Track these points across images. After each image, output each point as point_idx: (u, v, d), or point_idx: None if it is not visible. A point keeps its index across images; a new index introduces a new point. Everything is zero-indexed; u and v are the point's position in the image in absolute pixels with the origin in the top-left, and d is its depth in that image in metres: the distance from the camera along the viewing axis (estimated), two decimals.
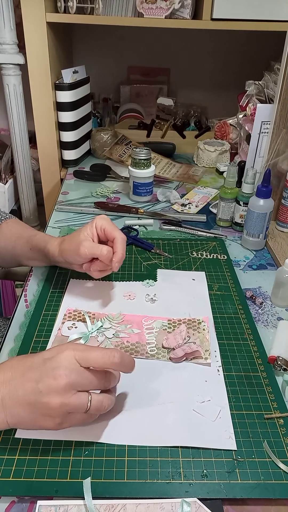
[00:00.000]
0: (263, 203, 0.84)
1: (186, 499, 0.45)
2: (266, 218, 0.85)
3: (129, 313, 0.70)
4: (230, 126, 1.32)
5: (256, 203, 0.84)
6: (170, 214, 1.02)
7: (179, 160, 1.34)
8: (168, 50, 1.53)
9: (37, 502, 0.45)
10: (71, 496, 0.45)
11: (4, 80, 1.23)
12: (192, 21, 1.15)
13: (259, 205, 0.84)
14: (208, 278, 0.80)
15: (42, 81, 1.16)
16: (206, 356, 0.62)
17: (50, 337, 0.65)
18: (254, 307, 0.74)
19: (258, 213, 0.84)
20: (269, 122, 0.97)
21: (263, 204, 0.84)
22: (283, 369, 0.60)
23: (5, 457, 0.49)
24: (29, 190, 1.42)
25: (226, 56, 1.54)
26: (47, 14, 1.09)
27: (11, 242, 0.76)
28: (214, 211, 1.03)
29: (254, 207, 0.85)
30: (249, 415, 0.54)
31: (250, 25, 1.11)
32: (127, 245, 0.88)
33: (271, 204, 0.85)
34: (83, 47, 1.53)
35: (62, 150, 1.28)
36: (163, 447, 0.50)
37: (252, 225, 0.86)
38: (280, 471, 0.48)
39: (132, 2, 1.15)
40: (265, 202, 0.84)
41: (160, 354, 0.63)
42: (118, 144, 1.28)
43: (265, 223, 0.85)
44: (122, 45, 1.53)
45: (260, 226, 0.86)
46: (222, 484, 0.47)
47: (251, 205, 0.85)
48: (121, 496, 0.46)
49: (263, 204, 0.84)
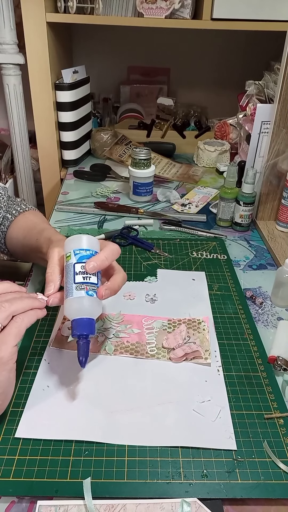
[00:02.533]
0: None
1: (186, 499, 0.45)
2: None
3: (129, 313, 0.70)
4: (230, 126, 1.32)
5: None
6: (170, 214, 1.02)
7: (179, 160, 1.34)
8: (168, 50, 1.53)
9: (37, 502, 0.45)
10: (71, 496, 0.45)
11: (4, 80, 1.23)
12: (192, 21, 1.15)
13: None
14: (208, 278, 0.80)
15: (42, 81, 1.16)
16: (206, 356, 0.62)
17: (50, 337, 0.65)
18: (254, 307, 0.74)
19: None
20: (269, 122, 0.97)
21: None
22: (283, 369, 0.60)
23: (5, 457, 0.49)
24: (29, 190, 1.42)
25: (226, 56, 1.54)
26: (47, 14, 1.09)
27: (23, 232, 0.74)
28: (214, 211, 1.03)
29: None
30: (249, 415, 0.54)
31: (250, 25, 1.11)
32: (126, 245, 0.89)
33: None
34: (83, 47, 1.53)
35: (62, 150, 1.28)
36: (163, 447, 0.50)
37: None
38: (280, 471, 0.48)
39: (132, 2, 1.15)
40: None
41: (160, 354, 0.63)
42: (118, 144, 1.28)
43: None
44: (122, 45, 1.53)
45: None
46: (222, 484, 0.47)
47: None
48: (121, 496, 0.46)
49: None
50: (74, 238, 0.57)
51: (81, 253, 0.56)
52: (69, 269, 0.55)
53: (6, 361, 0.47)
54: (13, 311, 0.49)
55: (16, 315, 0.49)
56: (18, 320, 0.49)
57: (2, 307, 0.48)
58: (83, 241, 0.57)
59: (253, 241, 0.94)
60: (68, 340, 0.64)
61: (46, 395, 0.56)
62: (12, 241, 0.77)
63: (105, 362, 0.61)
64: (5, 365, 0.47)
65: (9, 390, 0.49)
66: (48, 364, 0.60)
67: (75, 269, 0.54)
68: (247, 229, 0.97)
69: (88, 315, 0.53)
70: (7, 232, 0.78)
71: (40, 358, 0.61)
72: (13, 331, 0.48)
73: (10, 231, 0.77)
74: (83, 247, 0.56)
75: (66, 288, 0.54)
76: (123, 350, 0.63)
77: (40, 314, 0.52)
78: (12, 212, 0.79)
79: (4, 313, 0.48)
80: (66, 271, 0.56)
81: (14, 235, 0.76)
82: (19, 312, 0.49)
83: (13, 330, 0.48)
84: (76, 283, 0.53)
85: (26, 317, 0.49)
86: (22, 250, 0.76)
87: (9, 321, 0.49)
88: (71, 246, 0.57)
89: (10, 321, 0.49)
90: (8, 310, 0.48)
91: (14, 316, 0.49)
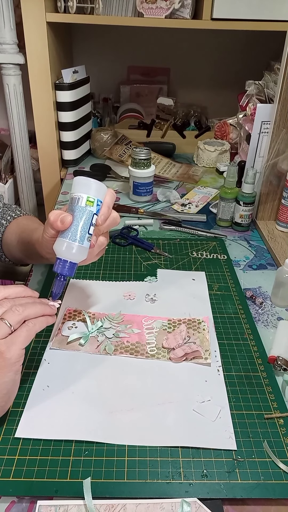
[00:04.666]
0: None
1: (186, 499, 0.45)
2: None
3: (129, 313, 0.70)
4: (230, 126, 1.32)
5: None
6: (170, 214, 1.02)
7: (179, 160, 1.34)
8: (168, 50, 1.53)
9: (37, 502, 0.45)
10: (71, 496, 0.45)
11: (4, 80, 1.23)
12: (192, 21, 1.15)
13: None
14: (208, 278, 0.80)
15: (42, 81, 1.16)
16: (206, 356, 0.62)
17: (50, 337, 0.65)
18: (254, 307, 0.74)
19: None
20: (269, 122, 0.97)
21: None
22: (283, 369, 0.60)
23: (5, 457, 0.49)
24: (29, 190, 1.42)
25: (226, 56, 1.54)
26: (47, 14, 1.09)
27: (16, 237, 0.75)
28: (214, 211, 1.03)
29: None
30: (249, 415, 0.54)
31: (250, 25, 1.11)
32: (126, 245, 0.89)
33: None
34: (83, 47, 1.53)
35: (62, 150, 1.28)
36: (163, 447, 0.50)
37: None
38: (280, 471, 0.48)
39: (132, 2, 1.15)
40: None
41: (160, 354, 0.63)
42: (118, 144, 1.28)
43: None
44: (122, 45, 1.53)
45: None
46: (222, 484, 0.47)
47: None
48: (121, 496, 0.46)
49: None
50: (99, 185, 0.56)
51: (99, 206, 0.56)
52: (86, 216, 0.55)
53: (13, 362, 0.47)
54: (26, 315, 0.49)
55: (28, 320, 0.50)
56: (30, 324, 0.49)
57: (16, 310, 0.49)
58: (103, 192, 0.57)
59: (253, 241, 0.94)
60: (68, 340, 0.64)
61: (46, 395, 0.56)
62: (8, 247, 0.77)
63: (105, 362, 0.61)
64: (12, 366, 0.47)
65: (13, 391, 0.50)
66: (48, 364, 0.60)
67: (92, 220, 0.55)
68: (247, 229, 0.97)
69: (76, 260, 0.55)
70: (2, 238, 0.78)
71: (40, 358, 0.61)
72: (24, 334, 0.48)
73: (5, 237, 0.78)
74: (101, 199, 0.56)
75: (73, 229, 0.54)
76: (123, 350, 0.63)
77: (51, 320, 0.53)
78: (7, 218, 0.79)
79: (17, 316, 0.48)
80: (79, 212, 0.55)
81: (9, 241, 0.76)
82: (31, 317, 0.50)
83: (24, 333, 0.48)
84: (89, 234, 0.55)
85: (38, 322, 0.50)
86: (19, 254, 0.76)
87: (20, 324, 0.49)
88: (93, 191, 0.55)
89: (21, 324, 0.49)
90: (21, 314, 0.49)
91: (26, 320, 0.50)
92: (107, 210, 0.57)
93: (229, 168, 0.94)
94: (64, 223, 0.54)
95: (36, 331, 0.50)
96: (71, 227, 0.54)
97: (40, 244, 0.63)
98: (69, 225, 0.54)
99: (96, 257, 0.62)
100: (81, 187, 0.56)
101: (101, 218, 0.56)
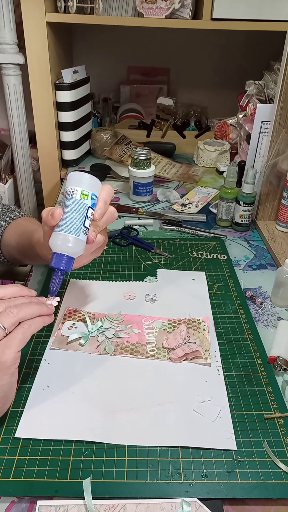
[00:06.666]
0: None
1: (186, 499, 0.45)
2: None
3: (129, 313, 0.70)
4: (230, 126, 1.32)
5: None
6: (170, 214, 1.02)
7: (179, 160, 1.34)
8: (168, 50, 1.53)
9: (37, 502, 0.45)
10: (71, 496, 0.45)
11: (4, 80, 1.23)
12: (192, 21, 1.15)
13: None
14: (208, 278, 0.80)
15: (42, 81, 1.16)
16: (206, 356, 0.62)
17: (50, 337, 0.65)
18: (254, 307, 0.74)
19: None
20: (269, 122, 0.97)
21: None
22: (283, 369, 0.60)
23: (5, 457, 0.49)
24: (29, 190, 1.42)
25: (226, 56, 1.54)
26: (47, 14, 1.09)
27: (16, 238, 0.75)
28: (214, 211, 1.03)
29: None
30: (249, 415, 0.54)
31: (250, 25, 1.11)
32: (126, 245, 0.89)
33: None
34: (83, 47, 1.53)
35: (62, 150, 1.28)
36: (163, 447, 0.50)
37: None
38: (280, 471, 0.48)
39: (132, 2, 1.15)
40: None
41: (160, 354, 0.63)
42: (118, 144, 1.28)
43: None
44: (122, 45, 1.53)
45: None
46: (222, 484, 0.47)
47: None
48: (121, 496, 0.46)
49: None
50: (93, 180, 0.56)
51: (94, 200, 0.56)
52: (80, 208, 0.54)
53: (8, 366, 0.47)
54: (21, 317, 0.48)
55: (23, 321, 0.49)
56: (25, 326, 0.48)
57: (10, 312, 0.48)
58: (98, 187, 0.57)
59: (253, 241, 0.94)
60: (68, 340, 0.64)
61: (46, 395, 0.56)
62: (7, 248, 0.77)
63: (105, 362, 0.61)
64: (8, 369, 0.47)
65: (10, 394, 0.49)
66: (48, 364, 0.60)
67: (87, 213, 0.55)
68: (247, 229, 0.97)
69: (73, 254, 0.54)
70: (1, 240, 0.78)
71: (40, 358, 0.61)
72: (19, 337, 0.47)
73: (3, 238, 0.77)
74: (96, 194, 0.56)
75: (67, 221, 0.53)
76: (123, 350, 0.63)
77: (48, 320, 0.52)
78: (6, 219, 0.79)
79: (12, 319, 0.47)
80: (73, 204, 0.54)
81: (8, 242, 0.76)
82: (27, 318, 0.49)
83: (19, 336, 0.47)
84: (85, 227, 0.54)
85: (33, 323, 0.49)
86: (18, 255, 0.76)
87: (16, 326, 0.48)
88: (88, 185, 0.56)
89: (16, 326, 0.48)
90: (16, 316, 0.48)
91: (21, 322, 0.49)
92: (103, 204, 0.56)
93: (229, 168, 0.94)
94: (54, 215, 0.53)
95: (32, 333, 0.49)
96: (65, 220, 0.53)
97: (41, 246, 0.63)
98: (59, 217, 0.53)
99: (91, 256, 0.60)
100: (75, 181, 0.55)
101: (98, 213, 0.56)
